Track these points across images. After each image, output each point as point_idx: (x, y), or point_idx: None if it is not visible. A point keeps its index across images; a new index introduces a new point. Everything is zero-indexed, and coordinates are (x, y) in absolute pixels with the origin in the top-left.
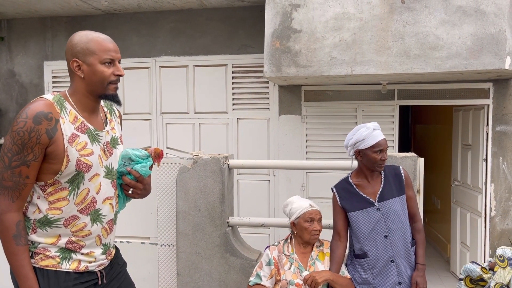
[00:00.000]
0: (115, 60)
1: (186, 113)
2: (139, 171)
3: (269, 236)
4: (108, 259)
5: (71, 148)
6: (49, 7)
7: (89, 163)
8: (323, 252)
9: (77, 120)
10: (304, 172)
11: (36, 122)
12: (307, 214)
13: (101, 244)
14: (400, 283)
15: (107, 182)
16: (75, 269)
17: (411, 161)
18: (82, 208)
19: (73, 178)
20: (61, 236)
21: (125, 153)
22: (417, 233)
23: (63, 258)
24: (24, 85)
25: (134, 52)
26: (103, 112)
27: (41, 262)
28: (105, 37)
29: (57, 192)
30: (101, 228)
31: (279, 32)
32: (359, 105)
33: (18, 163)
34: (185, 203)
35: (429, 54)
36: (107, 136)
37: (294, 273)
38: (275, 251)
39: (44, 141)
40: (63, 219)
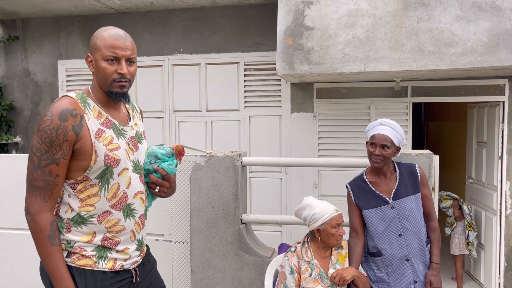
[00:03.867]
0: (120, 58)
1: (198, 111)
2: (166, 170)
3: (281, 234)
4: (141, 257)
5: (98, 143)
6: (63, 6)
7: (117, 158)
8: (342, 254)
9: (102, 115)
10: (317, 169)
11: (62, 119)
12: (334, 220)
13: (135, 239)
14: (416, 281)
15: (136, 177)
16: (111, 268)
17: (426, 158)
18: (114, 204)
19: (102, 174)
20: (96, 233)
21: (151, 151)
22: (432, 231)
23: (99, 257)
24: (38, 84)
25: (146, 50)
26: (125, 108)
27: (78, 261)
28: (115, 33)
29: (88, 189)
30: (134, 223)
31: (292, 30)
32: (372, 103)
33: (47, 161)
34: (199, 200)
35: (444, 50)
36: (131, 131)
37: (316, 280)
38: (294, 257)
39: (71, 138)
40: (97, 215)
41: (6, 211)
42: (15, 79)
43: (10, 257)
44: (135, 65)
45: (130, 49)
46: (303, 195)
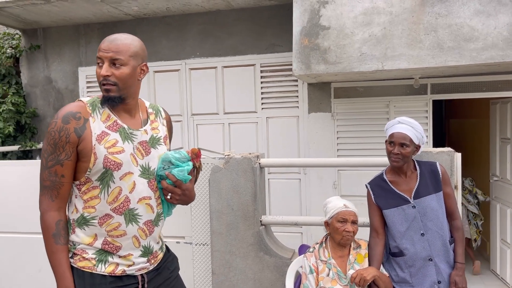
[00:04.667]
0: (103, 60)
1: (216, 113)
2: (175, 176)
3: (301, 235)
4: (151, 264)
5: (99, 146)
6: (82, 14)
7: (118, 161)
8: (361, 254)
9: (110, 119)
10: (336, 170)
11: (64, 121)
12: (340, 214)
13: (140, 246)
14: (440, 282)
15: (143, 182)
16: (111, 272)
17: (448, 156)
18: (115, 207)
19: (102, 176)
20: (97, 236)
21: (165, 156)
22: (455, 231)
23: (99, 260)
24: (60, 91)
25: (164, 55)
26: (146, 112)
27: (78, 262)
28: (108, 37)
29: (90, 191)
30: (137, 229)
31: (308, 30)
32: (390, 101)
33: (53, 162)
34: (218, 202)
35: (464, 46)
36: (143, 136)
37: (334, 279)
38: (312, 258)
39: (74, 140)
40: (98, 217)
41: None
42: (37, 87)
43: (37, 261)
44: (125, 68)
45: (113, 50)
46: (323, 196)
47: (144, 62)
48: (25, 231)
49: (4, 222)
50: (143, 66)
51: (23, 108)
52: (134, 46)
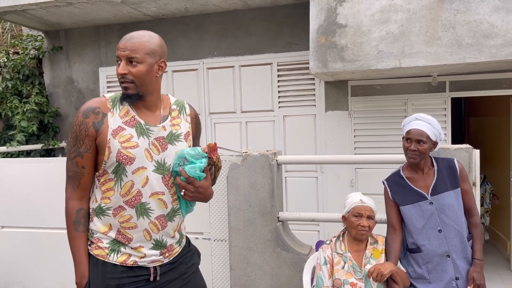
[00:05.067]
0: (121, 58)
1: (233, 112)
2: (187, 172)
3: (319, 233)
4: (165, 257)
5: (113, 140)
6: (103, 16)
7: (131, 156)
8: (378, 249)
9: (128, 114)
10: (353, 168)
11: (84, 116)
12: (356, 209)
13: (151, 239)
14: (458, 278)
15: (157, 177)
16: (123, 262)
17: (466, 152)
18: (128, 200)
19: (116, 169)
20: (111, 226)
21: (180, 153)
22: (473, 227)
23: (112, 250)
24: (81, 91)
25: (182, 55)
26: (168, 109)
27: (94, 250)
28: (128, 35)
29: (107, 182)
30: (148, 223)
31: (324, 28)
32: (408, 99)
33: (74, 154)
34: (236, 199)
35: (483, 42)
36: (161, 132)
37: (348, 272)
38: (328, 249)
39: (92, 133)
40: (112, 208)
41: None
42: (60, 87)
43: (59, 256)
44: (141, 66)
45: (129, 49)
46: (340, 194)
47: (162, 58)
48: (48, 227)
49: (28, 218)
50: (161, 62)
51: (46, 107)
52: (151, 43)
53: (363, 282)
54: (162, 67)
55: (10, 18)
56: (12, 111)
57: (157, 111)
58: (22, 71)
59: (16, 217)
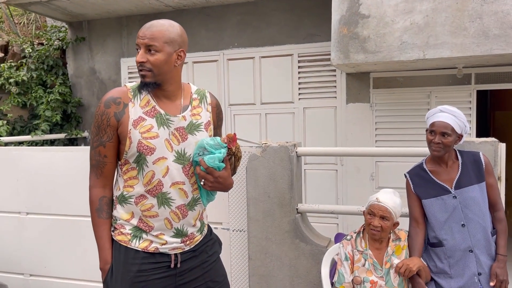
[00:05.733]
0: (140, 46)
1: (253, 104)
2: (206, 162)
3: (337, 225)
4: (186, 244)
5: (134, 131)
6: (125, 6)
7: (152, 146)
8: (400, 245)
9: (149, 104)
10: (374, 161)
11: (106, 106)
12: (370, 207)
13: (172, 228)
14: (480, 273)
15: (177, 167)
16: (144, 248)
17: (491, 146)
18: (150, 189)
19: (137, 159)
20: (134, 214)
21: (200, 143)
22: (498, 222)
23: (134, 236)
24: (103, 81)
25: (202, 46)
26: (189, 98)
27: (117, 236)
28: (148, 23)
29: (129, 171)
30: (169, 212)
31: (347, 19)
32: (432, 91)
33: (97, 143)
34: (255, 190)
35: (510, 33)
36: (181, 122)
37: (369, 270)
38: (348, 246)
39: (113, 123)
40: (134, 197)
41: (79, 199)
42: (82, 78)
43: (83, 243)
44: (159, 54)
45: (148, 37)
46: (360, 187)
47: (181, 48)
48: (72, 214)
49: (52, 205)
50: (180, 52)
51: (69, 97)
52: (170, 32)
53: (384, 280)
54: (181, 56)
55: (34, 9)
56: (36, 100)
57: (177, 101)
58: (46, 61)
59: (40, 204)
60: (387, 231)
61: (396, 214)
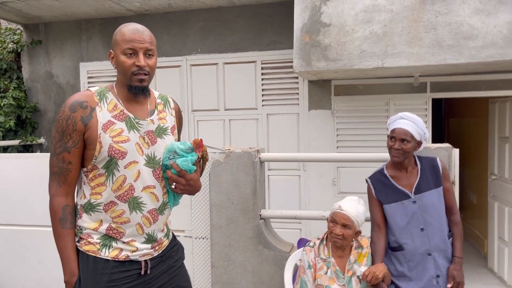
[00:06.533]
0: (137, 51)
1: (216, 110)
2: (179, 165)
3: (300, 231)
4: (156, 250)
5: (104, 135)
6: (84, 10)
7: (123, 150)
8: (362, 253)
9: (117, 108)
10: (335, 167)
11: (71, 110)
12: (333, 215)
13: (143, 233)
14: (438, 276)
15: (148, 171)
16: (115, 257)
17: (446, 151)
18: (120, 195)
19: (107, 164)
20: (102, 222)
21: (170, 147)
22: (454, 225)
23: (104, 245)
24: (61, 86)
25: (165, 51)
26: (154, 102)
27: (84, 246)
28: (133, 28)
29: (97, 178)
30: (141, 217)
31: (308, 27)
32: (390, 99)
33: (60, 149)
34: (218, 196)
35: (463, 44)
36: (150, 125)
37: (332, 278)
38: (311, 253)
39: (80, 128)
40: (103, 204)
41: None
42: (38, 82)
43: (37, 254)
44: (155, 58)
45: (148, 41)
46: (322, 192)
47: None
48: (26, 224)
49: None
50: None
51: (24, 102)
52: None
53: None
54: None
55: None
56: None
57: (144, 105)
58: (0, 65)
59: None
60: (348, 240)
61: (358, 222)
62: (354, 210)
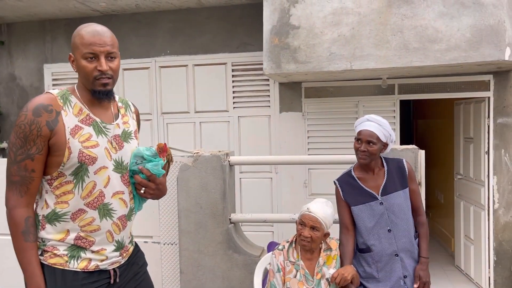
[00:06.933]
0: (99, 54)
1: (186, 112)
2: (150, 170)
3: (273, 234)
4: (123, 257)
5: (73, 140)
6: (48, 10)
7: (93, 155)
8: (331, 255)
9: (82, 112)
10: (306, 169)
11: (36, 114)
12: (301, 217)
13: (113, 240)
14: (406, 276)
15: (117, 176)
16: (84, 268)
17: (412, 153)
18: (89, 202)
19: (77, 171)
20: (69, 232)
21: (137, 152)
22: (420, 226)
23: (72, 257)
24: (24, 89)
25: (133, 52)
26: (116, 106)
27: (49, 259)
28: (92, 30)
29: (63, 186)
30: (111, 224)
31: (278, 29)
32: (359, 101)
33: (22, 157)
34: (187, 201)
35: (428, 47)
36: (116, 129)
37: (301, 281)
38: (280, 256)
39: (45, 133)
40: (70, 213)
41: None
42: (1, 84)
43: None
44: (117, 60)
45: (108, 44)
46: (294, 195)
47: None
48: None
49: None
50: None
51: None
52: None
53: None
54: None
55: None
56: None
57: (109, 109)
58: None
59: None
60: (317, 242)
61: (327, 224)
62: (322, 212)
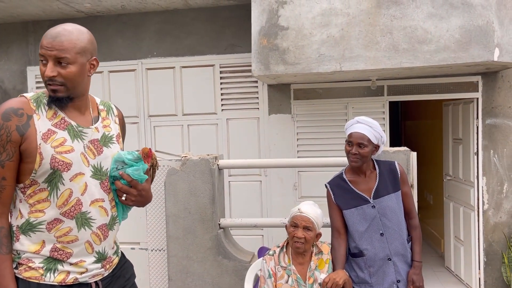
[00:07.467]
0: (48, 58)
1: (174, 115)
2: (131, 175)
3: (263, 237)
4: (106, 269)
5: (45, 145)
6: (31, 11)
7: (68, 161)
8: (323, 259)
9: (57, 116)
10: (296, 171)
11: (5, 118)
12: (293, 219)
13: (93, 252)
14: (399, 281)
15: (95, 183)
16: (61, 281)
17: (404, 155)
18: (66, 211)
19: (50, 178)
20: (45, 243)
21: (117, 156)
22: (413, 229)
23: (48, 269)
24: (7, 91)
25: (119, 54)
26: (97, 110)
27: (24, 273)
28: (50, 31)
29: (37, 194)
30: (90, 234)
31: (266, 30)
32: (349, 102)
33: None
34: (175, 206)
35: (418, 48)
36: (95, 134)
37: (293, 286)
38: (271, 262)
39: (16, 138)
40: (46, 222)
41: None
42: None
43: None
44: (73, 67)
45: (57, 49)
46: (284, 197)
47: (93, 56)
48: None
49: None
50: (93, 61)
51: None
52: (81, 41)
53: None
54: (94, 65)
55: None
56: None
57: (86, 112)
58: None
59: None
60: (310, 242)
61: (318, 224)
62: (313, 212)
